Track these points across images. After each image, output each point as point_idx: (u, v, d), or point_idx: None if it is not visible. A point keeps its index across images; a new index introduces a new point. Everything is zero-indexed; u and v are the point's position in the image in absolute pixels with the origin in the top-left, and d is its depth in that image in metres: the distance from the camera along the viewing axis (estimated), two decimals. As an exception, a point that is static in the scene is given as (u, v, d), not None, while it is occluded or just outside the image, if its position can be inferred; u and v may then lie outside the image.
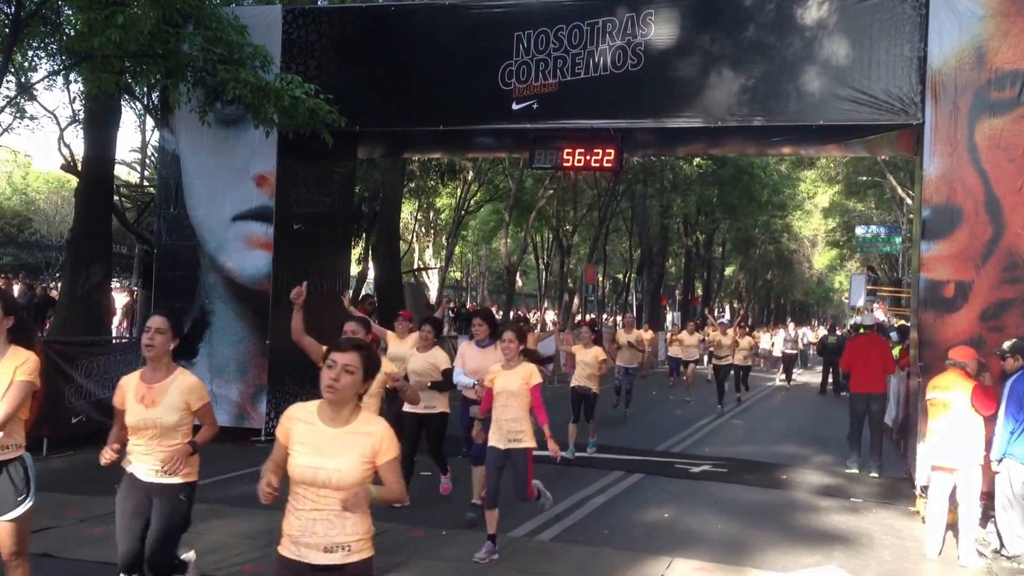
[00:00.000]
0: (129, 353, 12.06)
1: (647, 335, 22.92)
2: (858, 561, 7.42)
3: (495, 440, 6.96)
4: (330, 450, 3.51)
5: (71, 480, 8.96)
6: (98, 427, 11.19)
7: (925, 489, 8.79)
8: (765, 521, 8.73)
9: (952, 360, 7.91)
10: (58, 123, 28.32)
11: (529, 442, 6.94)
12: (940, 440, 7.61)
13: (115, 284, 24.70)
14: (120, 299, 24.52)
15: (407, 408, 8.34)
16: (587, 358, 11.82)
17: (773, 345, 32.20)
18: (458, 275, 57.81)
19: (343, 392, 3.52)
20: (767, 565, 7.16)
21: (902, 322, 19.99)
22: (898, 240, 33.21)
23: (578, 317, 33.15)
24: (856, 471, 11.33)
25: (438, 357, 8.52)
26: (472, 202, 32.87)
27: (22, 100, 19.33)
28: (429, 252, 45.68)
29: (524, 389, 6.90)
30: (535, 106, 11.38)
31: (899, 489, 10.32)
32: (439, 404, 8.52)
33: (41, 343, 5.79)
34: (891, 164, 30.01)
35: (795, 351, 29.23)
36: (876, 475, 11.12)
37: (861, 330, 14.35)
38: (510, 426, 6.90)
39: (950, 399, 7.59)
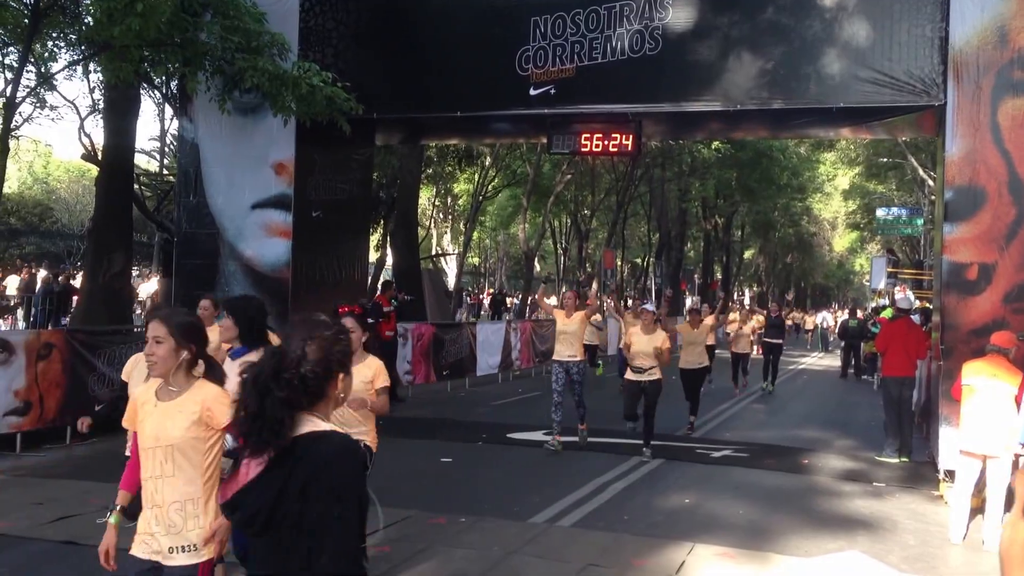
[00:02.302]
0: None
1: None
2: (881, 546, 7.39)
3: (140, 543, 3.56)
4: None
5: (95, 468, 9.04)
6: (121, 415, 11.30)
7: (949, 473, 8.74)
8: (787, 506, 8.71)
9: (994, 346, 7.78)
10: (78, 113, 28.46)
11: (203, 550, 3.51)
12: (974, 426, 7.50)
13: (135, 271, 24.84)
14: (148, 287, 24.65)
15: None
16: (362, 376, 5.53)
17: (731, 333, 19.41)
18: (476, 261, 57.86)
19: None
20: (789, 550, 7.14)
21: (925, 304, 19.82)
22: (920, 222, 32.99)
23: (596, 303, 32.87)
24: (896, 460, 10.99)
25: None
26: (490, 187, 32.84)
27: (42, 90, 19.46)
28: (447, 238, 45.79)
29: (198, 442, 3.56)
30: (552, 91, 11.34)
31: (922, 473, 10.26)
32: None
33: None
34: (912, 145, 29.72)
35: (778, 340, 19.46)
36: (906, 459, 11.04)
37: (888, 311, 14.18)
38: (171, 517, 3.53)
39: (989, 385, 7.48)
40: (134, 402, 3.82)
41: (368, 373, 5.62)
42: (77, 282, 22.25)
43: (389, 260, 26.41)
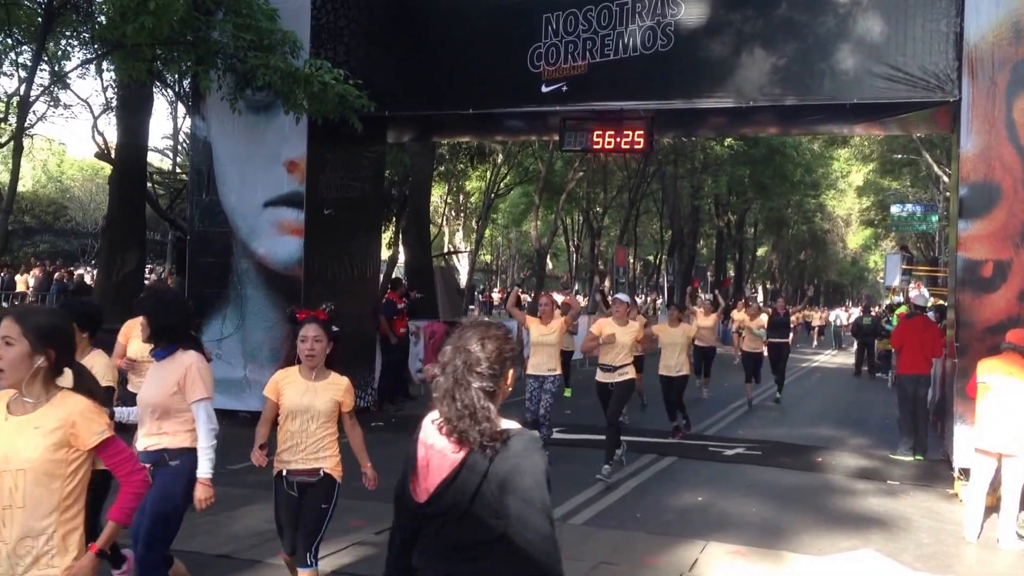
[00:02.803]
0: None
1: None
2: (896, 544, 7.35)
3: None
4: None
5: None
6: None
7: (964, 471, 8.69)
8: (800, 504, 8.67)
9: (1010, 344, 7.72)
10: (91, 111, 28.50)
11: None
12: (989, 424, 7.45)
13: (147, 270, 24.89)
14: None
15: None
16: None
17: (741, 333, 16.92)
18: (488, 258, 57.88)
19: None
20: (803, 549, 7.11)
21: (940, 302, 19.70)
22: (934, 218, 32.78)
23: (610, 298, 32.85)
24: (910, 458, 10.92)
25: (95, 363, 5.07)
26: (502, 185, 32.82)
27: (56, 89, 19.55)
28: (459, 235, 45.81)
29: (56, 466, 3.00)
30: (565, 88, 11.32)
31: (937, 471, 10.20)
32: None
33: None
34: (927, 141, 29.55)
35: (785, 340, 16.79)
36: (921, 457, 10.98)
37: (902, 308, 14.08)
38: (18, 555, 2.97)
39: (1005, 383, 7.42)
40: None
41: (336, 392, 4.93)
42: (90, 280, 22.37)
43: (401, 258, 26.43)
